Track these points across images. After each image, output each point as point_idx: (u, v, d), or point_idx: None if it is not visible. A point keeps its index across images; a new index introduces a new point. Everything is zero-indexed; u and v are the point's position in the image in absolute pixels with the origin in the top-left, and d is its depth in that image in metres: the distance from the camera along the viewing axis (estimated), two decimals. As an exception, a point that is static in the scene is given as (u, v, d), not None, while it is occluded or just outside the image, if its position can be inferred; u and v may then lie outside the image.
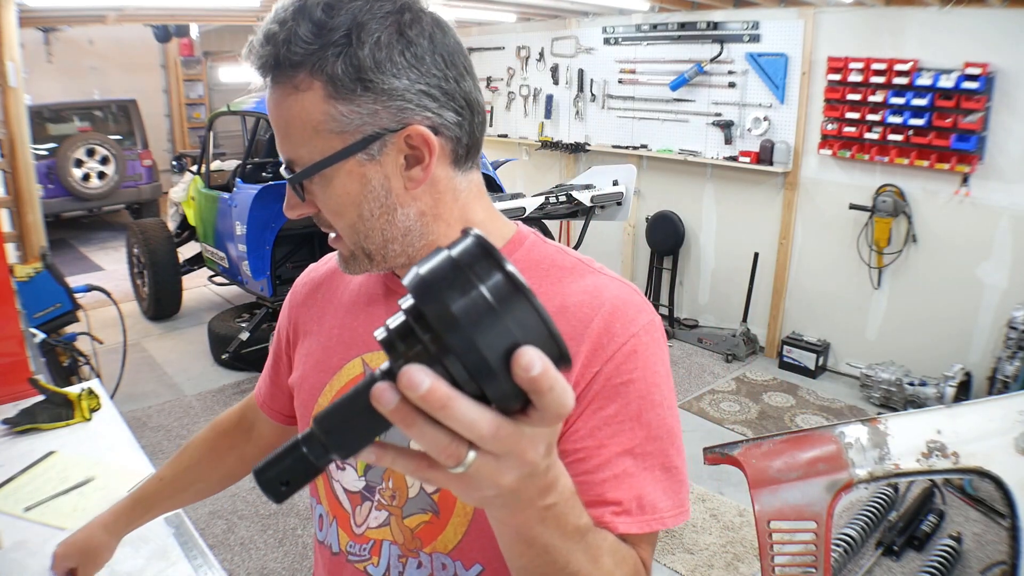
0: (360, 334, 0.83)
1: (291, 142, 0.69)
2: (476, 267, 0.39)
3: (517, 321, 0.38)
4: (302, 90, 0.66)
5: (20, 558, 1.29)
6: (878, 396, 4.01)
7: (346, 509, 0.83)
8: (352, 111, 0.66)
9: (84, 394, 1.83)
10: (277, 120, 0.69)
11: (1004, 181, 3.61)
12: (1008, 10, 3.42)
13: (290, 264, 4.52)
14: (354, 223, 0.72)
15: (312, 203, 0.72)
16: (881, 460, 1.83)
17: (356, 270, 0.76)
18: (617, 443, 0.67)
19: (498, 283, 0.38)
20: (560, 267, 0.75)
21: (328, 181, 0.69)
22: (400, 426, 0.39)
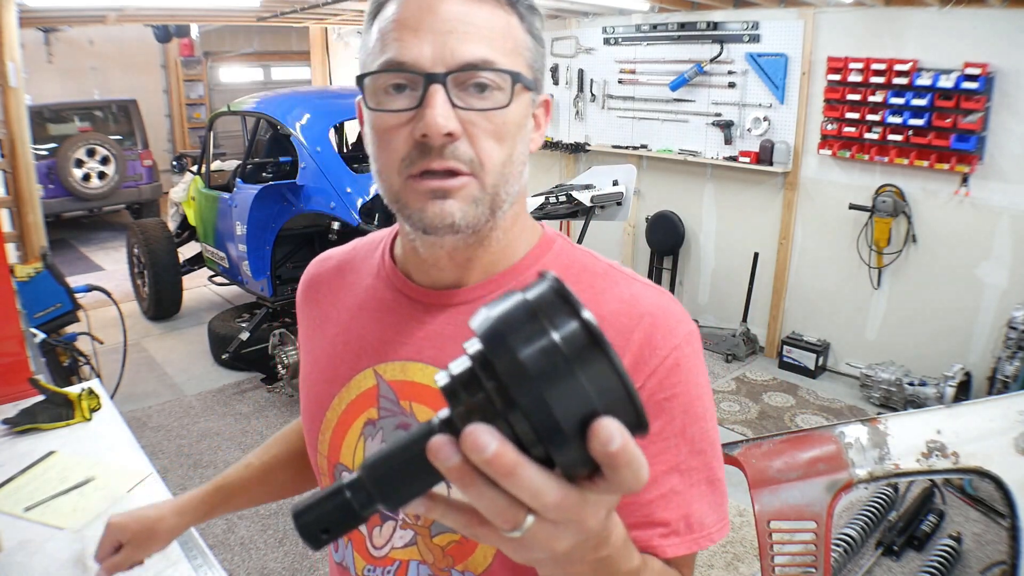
0: (370, 343, 0.77)
1: (492, 44, 0.63)
2: (554, 317, 0.35)
3: (595, 381, 0.34)
4: (507, 12, 0.66)
5: (21, 559, 1.29)
6: (878, 396, 4.01)
7: (361, 531, 0.78)
8: (539, 55, 0.68)
9: (84, 394, 1.82)
10: (477, 20, 0.63)
11: (1004, 181, 3.61)
12: (1008, 10, 3.42)
13: (290, 264, 4.52)
14: (508, 158, 0.66)
15: (461, 121, 0.63)
16: (881, 460, 1.83)
17: (469, 221, 0.65)
18: (663, 460, 0.65)
19: (577, 337, 0.34)
20: (592, 273, 0.73)
21: (515, 99, 0.65)
22: (457, 485, 0.36)
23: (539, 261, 0.74)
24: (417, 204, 0.65)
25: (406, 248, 0.76)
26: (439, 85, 0.62)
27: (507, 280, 0.73)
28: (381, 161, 0.67)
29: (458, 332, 0.72)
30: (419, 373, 0.73)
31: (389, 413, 0.75)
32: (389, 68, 0.63)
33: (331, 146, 3.87)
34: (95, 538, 1.35)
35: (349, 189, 3.65)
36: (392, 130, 0.64)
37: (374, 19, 0.68)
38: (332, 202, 3.67)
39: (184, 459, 3.50)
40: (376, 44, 0.66)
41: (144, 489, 1.53)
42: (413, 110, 0.63)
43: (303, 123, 3.90)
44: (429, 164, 0.63)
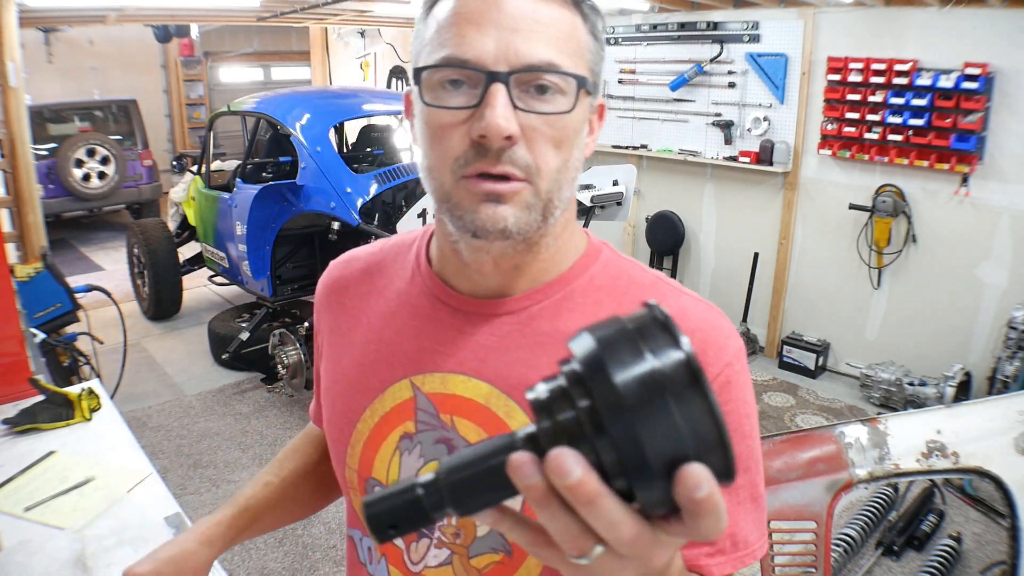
0: (405, 351, 0.73)
1: (557, 45, 0.61)
2: (657, 350, 0.34)
3: (691, 422, 0.33)
4: (572, 12, 0.63)
5: (21, 559, 1.29)
6: (878, 396, 4.01)
7: (398, 546, 0.75)
8: (599, 57, 0.66)
9: (84, 394, 1.82)
10: (543, 18, 0.61)
11: (1004, 181, 3.61)
12: (1008, 10, 3.42)
13: (290, 264, 4.52)
14: (563, 164, 0.64)
15: (520, 125, 0.60)
16: (881, 460, 1.83)
17: (521, 227, 0.63)
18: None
19: (678, 373, 0.33)
20: (640, 285, 0.71)
21: (579, 102, 0.63)
22: (532, 505, 0.36)
23: (587, 271, 0.72)
24: (469, 205, 0.62)
25: (445, 252, 0.72)
26: (501, 85, 0.59)
27: (555, 290, 0.70)
28: (433, 158, 0.64)
29: (502, 344, 0.69)
30: (461, 386, 0.70)
31: (428, 427, 0.71)
32: (449, 63, 0.61)
33: (331, 146, 3.87)
34: (95, 538, 1.36)
35: (349, 189, 3.65)
36: (447, 128, 0.62)
37: (431, 9, 0.65)
38: (332, 202, 3.67)
39: (184, 459, 3.50)
40: (434, 36, 0.63)
41: (144, 489, 1.53)
42: (471, 108, 0.61)
43: (303, 123, 3.90)
44: (485, 167, 0.61)
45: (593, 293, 0.70)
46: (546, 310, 0.69)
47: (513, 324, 0.70)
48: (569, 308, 0.69)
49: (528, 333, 0.69)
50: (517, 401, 0.68)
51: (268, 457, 3.53)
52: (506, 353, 0.69)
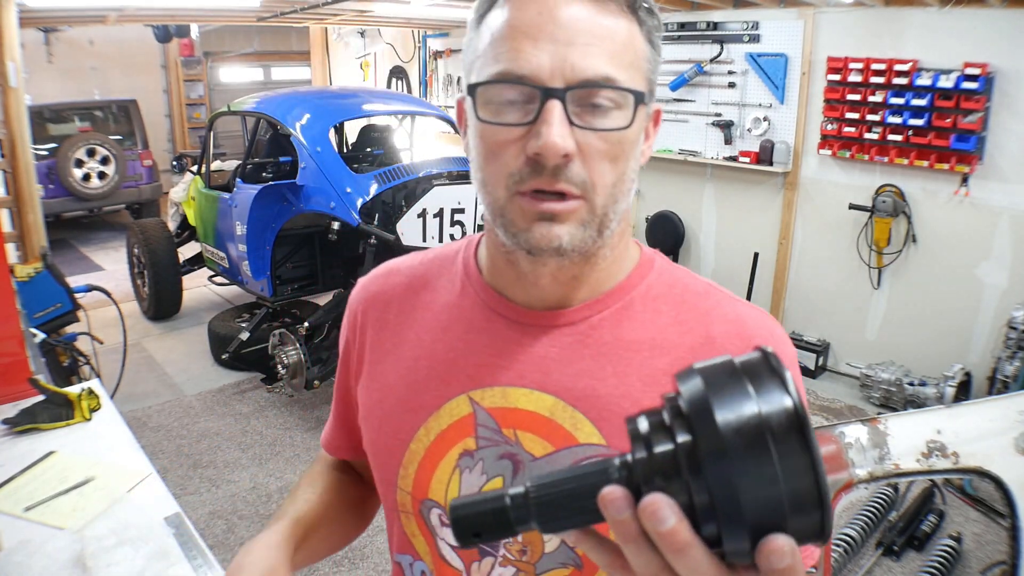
0: (462, 366, 0.70)
1: (614, 59, 0.59)
2: (765, 395, 0.33)
3: (791, 479, 0.32)
4: (629, 19, 0.61)
5: (21, 559, 1.29)
6: (878, 396, 4.01)
7: (456, 567, 0.72)
8: (655, 63, 0.64)
9: (84, 394, 1.82)
10: (600, 30, 0.59)
11: (1004, 181, 3.61)
12: (1008, 10, 3.42)
13: (290, 264, 4.52)
14: (619, 178, 0.62)
15: (576, 141, 0.59)
16: (881, 460, 1.83)
17: (576, 244, 0.62)
18: None
19: (786, 426, 0.32)
20: (695, 292, 0.71)
21: (636, 116, 0.61)
22: (617, 537, 0.36)
23: (644, 280, 0.71)
24: (523, 223, 0.62)
25: (498, 263, 0.71)
26: (557, 101, 0.58)
27: (614, 300, 0.70)
28: (487, 173, 0.63)
29: (564, 355, 0.68)
30: (523, 399, 0.68)
31: (490, 443, 0.69)
32: (504, 79, 0.59)
33: (331, 146, 3.87)
34: (95, 538, 1.35)
35: (349, 189, 3.65)
36: (503, 144, 0.61)
37: (483, 18, 0.64)
38: (332, 202, 3.67)
39: (184, 459, 3.50)
40: (488, 48, 0.62)
41: (144, 489, 1.53)
42: (527, 125, 0.59)
43: (303, 123, 3.89)
44: (540, 184, 0.60)
45: (651, 302, 0.70)
46: (607, 320, 0.69)
47: (574, 335, 0.69)
48: (629, 317, 0.69)
49: (590, 344, 0.68)
50: (584, 412, 0.67)
51: (268, 457, 3.53)
52: (569, 364, 0.68)
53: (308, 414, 3.95)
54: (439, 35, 6.84)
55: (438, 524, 0.71)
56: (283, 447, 3.62)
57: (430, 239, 3.31)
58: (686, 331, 0.68)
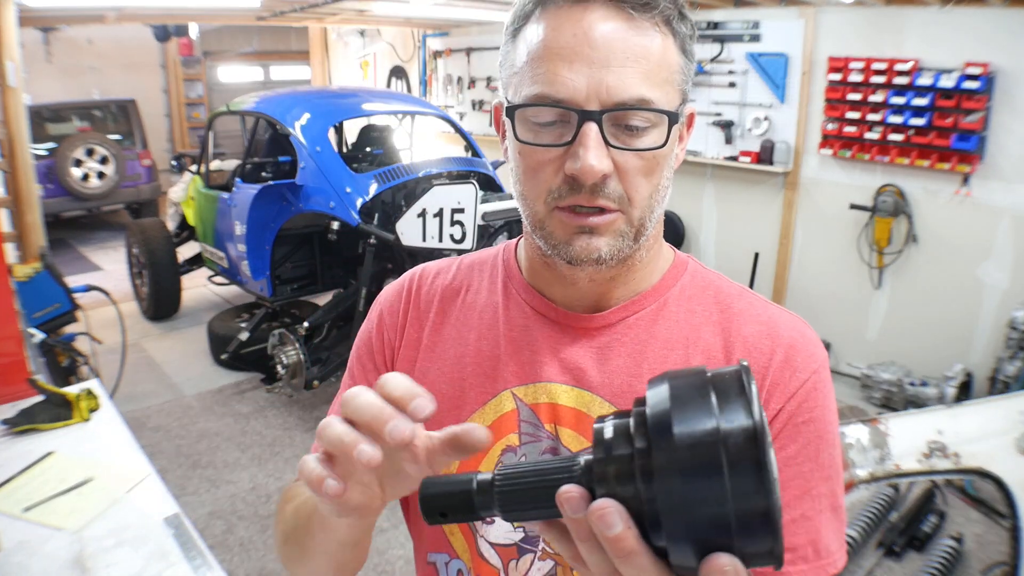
0: (506, 365, 0.73)
1: (648, 80, 0.61)
2: (728, 412, 0.33)
3: (741, 499, 0.32)
4: (663, 33, 0.63)
5: (20, 559, 1.29)
6: (879, 396, 4.01)
7: (494, 565, 0.73)
8: (689, 71, 0.66)
9: (83, 394, 1.82)
10: (635, 51, 0.60)
11: (1005, 181, 3.61)
12: (1008, 9, 3.42)
13: (290, 264, 4.51)
14: (655, 189, 0.65)
15: (612, 160, 0.62)
16: (882, 460, 1.83)
17: (614, 255, 0.65)
18: (796, 485, 0.66)
19: (740, 444, 0.32)
20: (728, 294, 0.74)
21: (669, 137, 0.63)
22: (573, 534, 0.38)
23: (678, 282, 0.74)
24: (563, 236, 0.65)
25: (537, 267, 0.74)
26: (594, 124, 0.60)
27: (650, 301, 0.72)
28: (527, 187, 0.66)
29: (603, 354, 0.71)
30: (564, 396, 0.71)
31: (532, 438, 0.72)
32: (542, 102, 0.62)
33: (330, 146, 3.86)
34: (94, 538, 1.35)
35: (349, 189, 3.64)
36: (542, 163, 0.64)
37: (518, 33, 0.66)
38: (332, 202, 3.66)
39: (183, 459, 3.50)
40: (525, 68, 0.63)
41: (143, 489, 1.52)
42: (565, 146, 0.62)
43: (302, 123, 3.89)
44: (579, 201, 0.63)
45: (685, 303, 0.73)
46: (643, 320, 0.72)
47: (612, 334, 0.72)
48: (664, 317, 0.72)
49: (627, 342, 0.71)
50: (620, 408, 0.69)
51: (267, 457, 3.52)
52: (607, 363, 0.71)
53: (308, 414, 3.94)
54: (439, 35, 6.84)
55: (479, 522, 0.72)
56: (283, 447, 3.62)
57: (430, 239, 3.31)
58: (719, 331, 0.71)
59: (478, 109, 6.52)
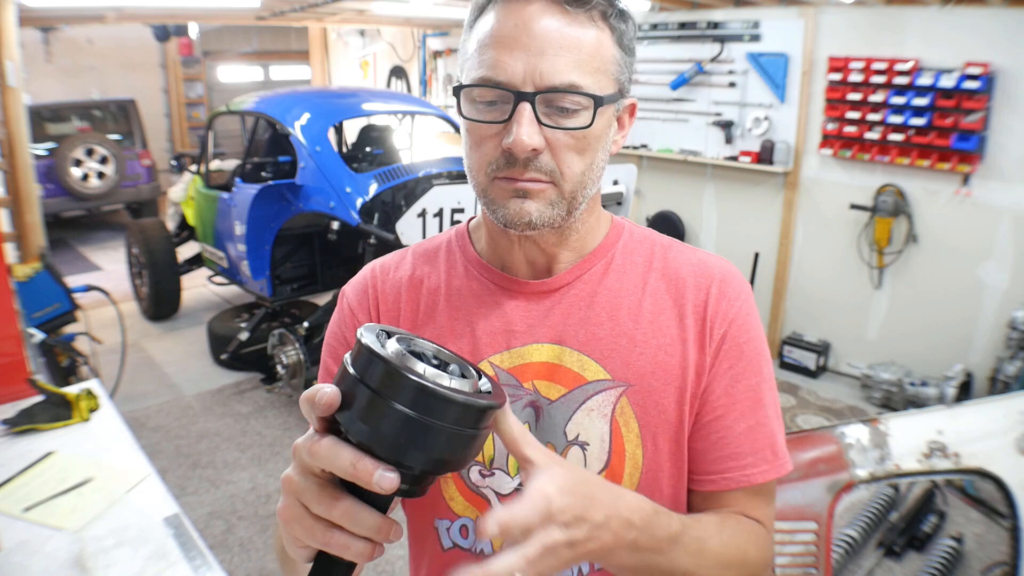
0: (479, 337, 0.80)
1: (580, 67, 0.69)
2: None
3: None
4: (599, 27, 0.70)
5: (20, 559, 1.29)
6: (879, 396, 4.01)
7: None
8: (625, 64, 0.74)
9: (83, 394, 1.82)
10: (568, 41, 0.68)
11: (1005, 181, 3.61)
12: (1009, 9, 3.42)
13: (289, 264, 4.51)
14: (588, 167, 0.73)
15: (545, 137, 0.70)
16: (882, 460, 1.83)
17: (545, 220, 0.73)
18: (748, 397, 0.77)
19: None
20: (662, 245, 0.84)
21: (598, 116, 0.70)
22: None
23: (619, 239, 0.83)
24: (500, 201, 0.73)
25: (496, 236, 0.82)
26: (527, 103, 0.68)
27: (598, 259, 0.82)
28: (472, 161, 0.74)
29: (564, 310, 0.80)
30: (535, 353, 0.79)
31: (514, 398, 0.79)
32: (483, 83, 0.70)
33: (330, 146, 3.86)
34: (94, 538, 1.35)
35: (348, 189, 3.64)
36: (484, 138, 0.72)
37: (474, 24, 0.74)
38: (331, 202, 3.66)
39: (183, 459, 3.50)
40: (474, 54, 0.72)
41: (143, 489, 1.52)
42: (503, 123, 0.70)
43: (302, 123, 3.89)
44: (513, 174, 0.71)
45: (629, 255, 0.83)
46: (595, 275, 0.81)
47: (569, 292, 0.81)
48: (612, 270, 0.82)
49: (584, 296, 0.80)
50: (588, 354, 0.78)
51: (267, 457, 3.52)
52: (569, 317, 0.80)
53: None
54: (439, 34, 6.83)
55: (479, 478, 0.80)
56: (282, 447, 3.61)
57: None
58: (660, 275, 0.81)
59: (478, 109, 6.51)
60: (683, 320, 0.78)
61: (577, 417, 0.77)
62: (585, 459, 0.77)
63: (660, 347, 0.77)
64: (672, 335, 0.78)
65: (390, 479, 0.45)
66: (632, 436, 0.77)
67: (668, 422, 0.77)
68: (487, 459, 0.79)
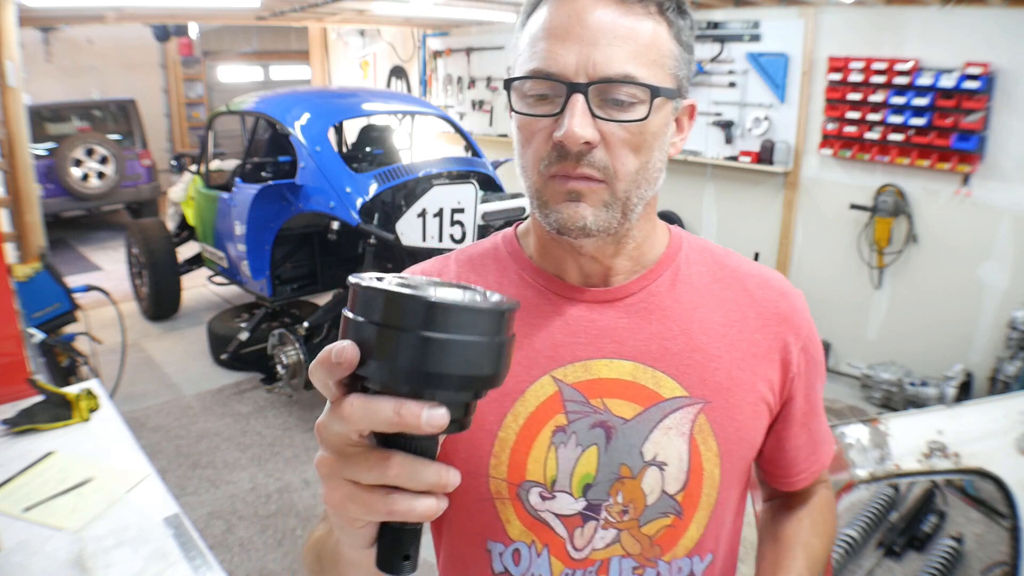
0: (539, 350, 0.75)
1: (635, 58, 0.66)
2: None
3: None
4: (656, 20, 0.68)
5: (20, 559, 1.29)
6: (879, 396, 4.01)
7: (560, 535, 0.76)
8: (684, 60, 0.71)
9: (83, 394, 1.82)
10: (623, 31, 0.66)
11: (1005, 181, 3.61)
12: (1009, 9, 3.42)
13: (289, 264, 4.51)
14: (642, 166, 0.69)
15: (599, 131, 0.67)
16: (882, 460, 1.83)
17: (600, 225, 0.69)
18: (818, 398, 0.84)
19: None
20: (721, 254, 0.83)
21: (654, 111, 0.67)
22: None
23: (681, 249, 0.81)
24: (554, 204, 0.70)
25: (547, 245, 0.78)
26: (580, 95, 0.65)
27: (663, 269, 0.79)
28: (524, 159, 0.72)
29: (632, 323, 0.76)
30: (604, 369, 0.74)
31: (580, 415, 0.74)
32: (536, 75, 0.67)
33: (330, 146, 3.86)
34: (94, 538, 1.35)
35: (349, 189, 3.64)
36: (535, 132, 0.69)
37: (525, 23, 0.72)
38: (332, 202, 3.66)
39: (183, 459, 3.50)
40: (526, 48, 0.70)
41: (143, 489, 1.52)
42: (555, 116, 0.67)
43: (302, 123, 3.89)
44: (565, 169, 0.68)
45: (693, 266, 0.81)
46: (662, 287, 0.78)
47: (637, 304, 0.77)
48: (680, 281, 0.79)
49: (652, 308, 0.77)
50: (663, 370, 0.75)
51: (267, 457, 3.52)
52: (639, 331, 0.76)
53: (307, 414, 3.94)
54: (439, 35, 6.83)
55: (539, 501, 0.75)
56: (282, 447, 3.62)
57: (430, 239, 3.31)
58: (726, 286, 0.80)
59: (478, 109, 6.52)
60: (755, 334, 0.77)
61: (654, 436, 0.74)
62: (663, 480, 0.74)
63: (734, 361, 0.76)
64: (745, 349, 0.77)
65: (440, 415, 0.41)
66: (711, 455, 0.75)
67: (744, 439, 0.77)
68: (549, 480, 0.75)
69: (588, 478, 0.74)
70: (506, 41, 6.02)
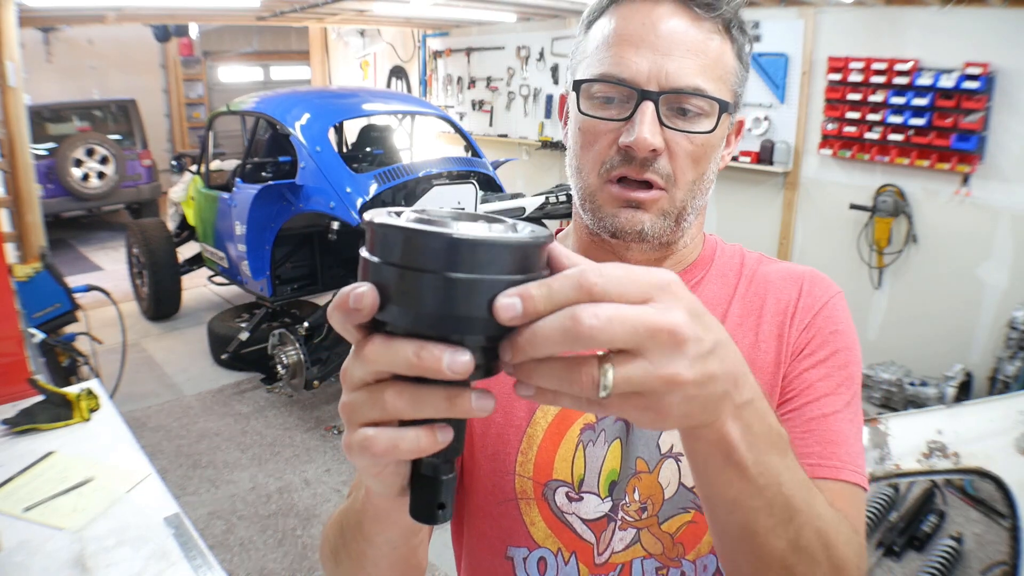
0: None
1: (705, 72, 0.68)
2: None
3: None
4: (723, 36, 0.70)
5: (21, 559, 1.29)
6: (878, 396, 4.01)
7: (588, 541, 0.75)
8: (741, 78, 0.72)
9: (83, 394, 1.82)
10: (696, 45, 0.68)
11: (1005, 181, 3.61)
12: (1008, 10, 3.42)
13: (289, 264, 4.51)
14: (699, 177, 0.71)
15: (664, 139, 0.68)
16: (882, 460, 1.83)
17: (656, 232, 0.71)
18: (829, 401, 0.72)
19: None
20: (752, 259, 0.84)
21: (719, 124, 0.69)
22: None
23: (714, 257, 0.82)
24: (610, 209, 0.71)
25: (589, 249, 0.78)
26: (651, 103, 0.66)
27: (700, 270, 0.81)
28: (582, 160, 0.72)
29: None
30: None
31: None
32: (606, 79, 0.68)
33: (331, 146, 3.87)
34: (94, 538, 1.35)
35: (349, 189, 3.64)
36: (600, 135, 0.70)
37: (591, 26, 0.73)
38: (332, 202, 3.66)
39: (183, 459, 3.50)
40: (595, 52, 0.70)
41: (143, 489, 1.52)
42: (623, 121, 0.68)
43: (302, 123, 3.89)
44: (628, 172, 0.68)
45: (725, 270, 0.82)
46: (697, 287, 0.79)
47: None
48: (713, 280, 0.80)
49: None
50: None
51: (267, 457, 3.53)
52: None
53: (308, 414, 3.95)
54: (439, 35, 6.84)
55: (566, 502, 0.75)
56: (283, 447, 3.62)
57: (430, 239, 3.31)
58: (748, 282, 0.81)
59: (478, 109, 6.52)
60: (770, 320, 0.77)
61: None
62: (680, 471, 0.74)
63: (744, 349, 0.74)
64: (754, 336, 0.76)
65: (463, 360, 0.37)
66: None
67: None
68: (576, 480, 0.74)
69: (614, 474, 0.74)
70: (506, 41, 6.02)
